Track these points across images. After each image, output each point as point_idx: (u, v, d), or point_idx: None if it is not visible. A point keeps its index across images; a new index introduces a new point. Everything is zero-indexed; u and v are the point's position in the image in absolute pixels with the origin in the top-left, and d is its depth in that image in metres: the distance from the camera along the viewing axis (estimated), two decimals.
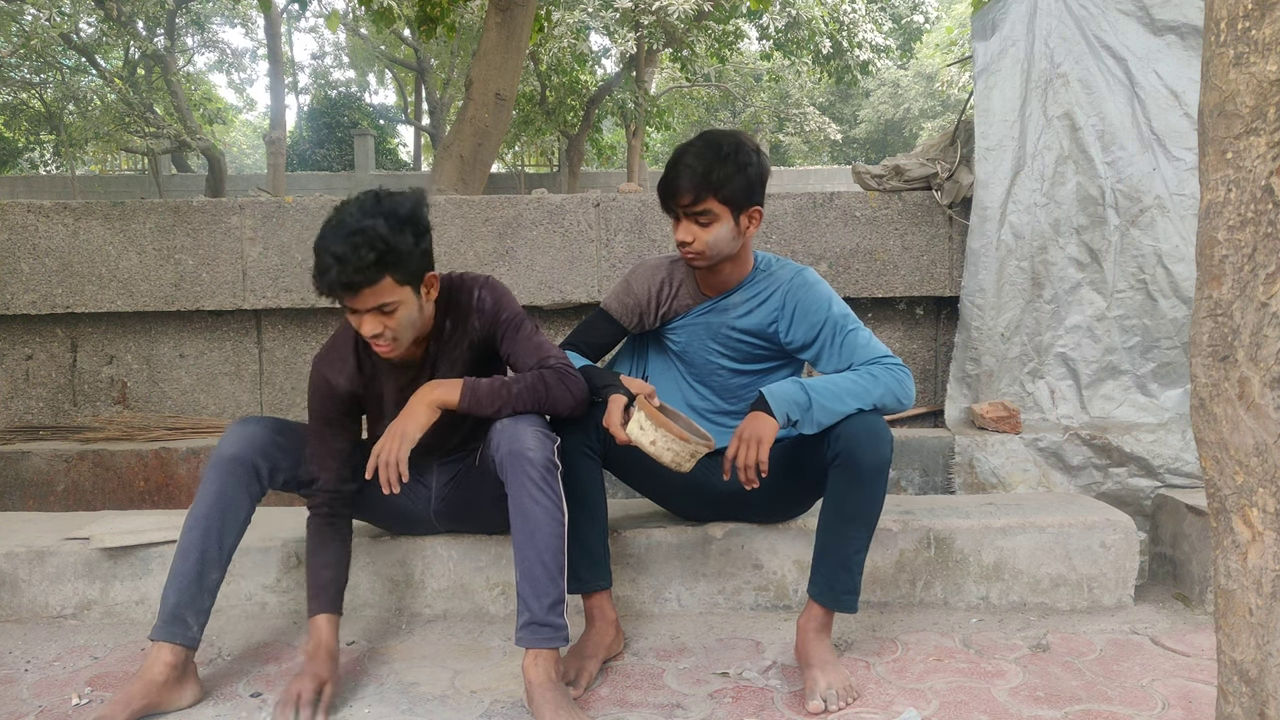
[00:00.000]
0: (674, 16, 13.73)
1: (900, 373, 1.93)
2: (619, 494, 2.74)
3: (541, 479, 1.76)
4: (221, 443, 1.84)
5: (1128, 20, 3.01)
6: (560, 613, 1.74)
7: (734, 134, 1.98)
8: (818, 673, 1.78)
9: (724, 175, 1.88)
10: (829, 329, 1.99)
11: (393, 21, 6.82)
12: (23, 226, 3.34)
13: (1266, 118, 1.01)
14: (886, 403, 1.90)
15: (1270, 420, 1.03)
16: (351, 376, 1.93)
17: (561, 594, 1.75)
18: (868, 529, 1.87)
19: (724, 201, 1.90)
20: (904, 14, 19.88)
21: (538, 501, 1.75)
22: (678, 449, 1.78)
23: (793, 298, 2.03)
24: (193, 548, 1.79)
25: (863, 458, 1.81)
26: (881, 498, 1.86)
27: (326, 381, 1.93)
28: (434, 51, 18.30)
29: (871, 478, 1.82)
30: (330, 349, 1.96)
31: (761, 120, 20.27)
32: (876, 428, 1.84)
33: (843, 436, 1.83)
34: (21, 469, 3.09)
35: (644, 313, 2.14)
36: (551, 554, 1.74)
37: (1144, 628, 2.13)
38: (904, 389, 1.92)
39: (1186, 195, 2.97)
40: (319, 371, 1.94)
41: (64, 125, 17.84)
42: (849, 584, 1.86)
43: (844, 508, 1.85)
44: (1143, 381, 3.06)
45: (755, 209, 1.96)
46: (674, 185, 1.91)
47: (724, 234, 1.94)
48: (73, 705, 1.77)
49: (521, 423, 1.81)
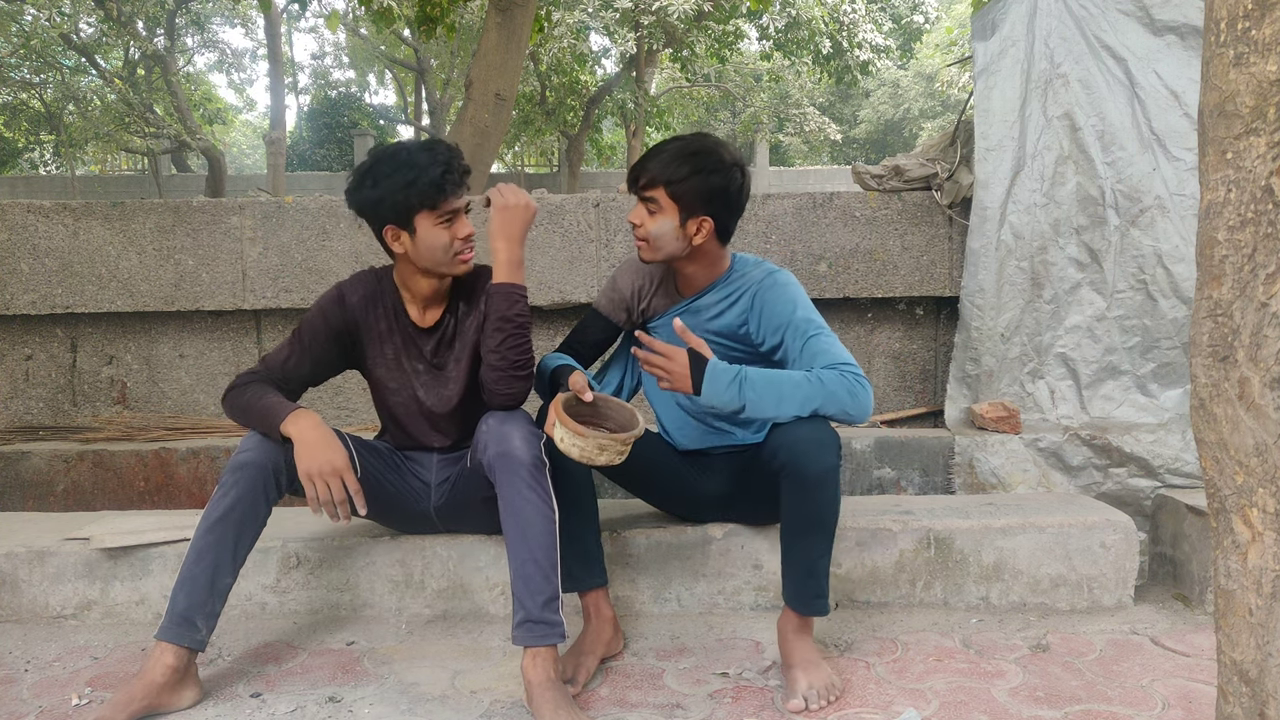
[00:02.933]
0: (674, 16, 13.72)
1: (855, 383, 1.80)
2: (618, 494, 2.74)
3: (530, 477, 1.78)
4: (242, 446, 1.84)
5: (1128, 20, 3.01)
6: (555, 609, 1.74)
7: (718, 144, 1.96)
8: (799, 672, 1.79)
9: (680, 173, 1.90)
10: (792, 332, 1.92)
11: (393, 21, 6.81)
12: (23, 226, 3.34)
13: (1266, 118, 1.01)
14: (829, 411, 1.80)
15: (1270, 420, 1.03)
16: (365, 299, 2.02)
17: (556, 591, 1.75)
18: (826, 535, 1.83)
19: (672, 197, 1.91)
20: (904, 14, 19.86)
21: (528, 500, 1.76)
22: (582, 444, 1.74)
23: (760, 299, 1.98)
24: (208, 551, 1.78)
25: (807, 467, 1.76)
26: (835, 502, 1.81)
27: (339, 295, 2.02)
28: (434, 51, 18.29)
29: (818, 486, 1.77)
30: (354, 278, 2.06)
31: (761, 120, 20.25)
32: (818, 435, 1.78)
33: (784, 447, 1.78)
34: (21, 469, 3.09)
35: (630, 307, 2.16)
36: (544, 551, 1.75)
37: (1144, 628, 2.13)
38: (854, 400, 1.79)
39: (1186, 195, 2.97)
40: (337, 287, 2.05)
41: (64, 125, 17.83)
42: (816, 589, 1.85)
43: (798, 518, 1.82)
44: (1143, 382, 3.06)
45: (705, 219, 1.93)
46: (637, 166, 1.96)
47: (666, 229, 1.93)
48: (73, 705, 1.77)
49: (508, 423, 1.84)
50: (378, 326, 2.03)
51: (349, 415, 3.49)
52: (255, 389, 1.91)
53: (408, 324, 2.04)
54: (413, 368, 2.05)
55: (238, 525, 1.79)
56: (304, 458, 1.77)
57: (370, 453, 2.04)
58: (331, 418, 3.47)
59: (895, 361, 3.47)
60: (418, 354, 2.04)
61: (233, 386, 1.93)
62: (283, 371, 1.98)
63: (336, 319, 2.01)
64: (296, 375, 2.00)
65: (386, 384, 2.06)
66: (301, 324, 2.02)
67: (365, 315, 2.03)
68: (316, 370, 2.03)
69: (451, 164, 1.87)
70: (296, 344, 2.00)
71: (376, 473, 2.03)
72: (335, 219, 3.36)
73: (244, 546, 1.82)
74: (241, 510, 1.79)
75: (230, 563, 1.80)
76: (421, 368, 2.05)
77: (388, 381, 2.06)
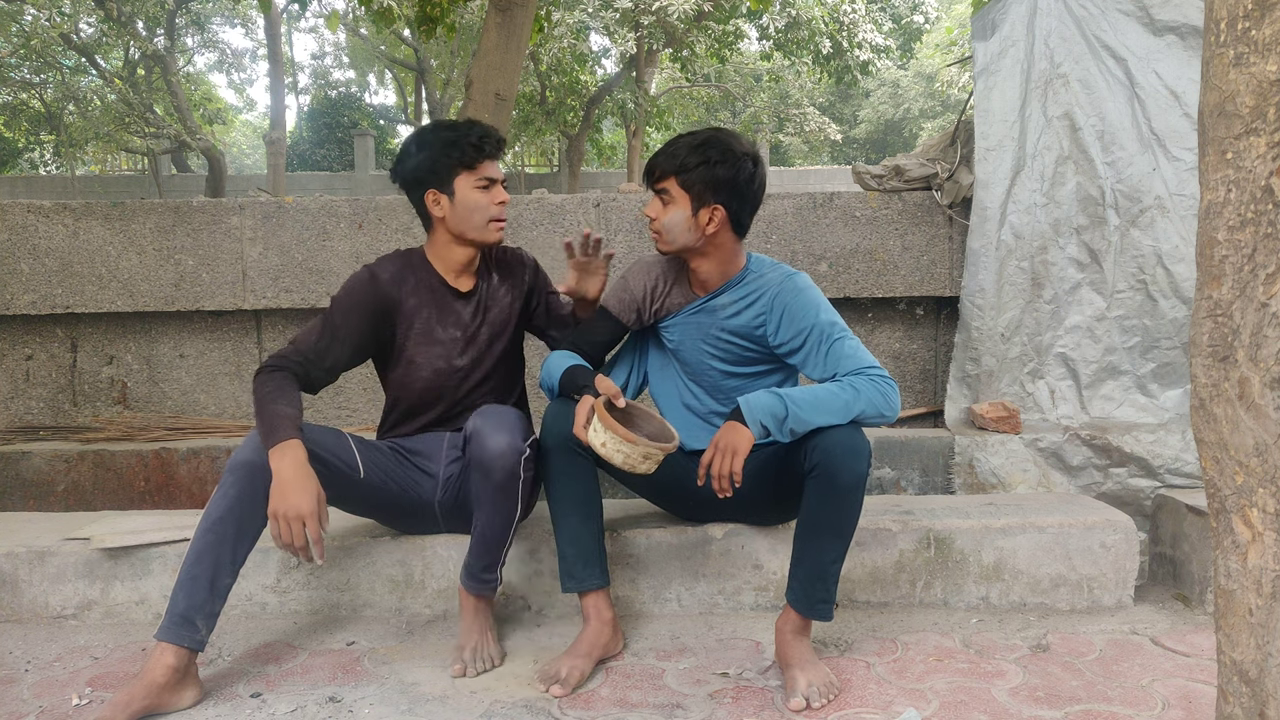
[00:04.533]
0: (674, 17, 13.72)
1: (885, 385, 1.88)
2: (619, 494, 2.74)
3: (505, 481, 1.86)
4: (241, 447, 1.84)
5: (1128, 20, 3.01)
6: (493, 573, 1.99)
7: (728, 135, 1.99)
8: (798, 672, 1.80)
9: (689, 162, 1.95)
10: (815, 336, 1.96)
11: (393, 21, 6.81)
12: (23, 226, 3.34)
13: (1266, 118, 1.01)
14: (867, 416, 1.86)
15: (1270, 420, 1.03)
16: (396, 275, 2.07)
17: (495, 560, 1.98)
18: (843, 540, 1.86)
19: (683, 187, 1.96)
20: (904, 14, 19.87)
21: (500, 511, 1.90)
22: (627, 451, 1.78)
23: (780, 302, 2.01)
24: (208, 551, 1.78)
25: (839, 472, 1.79)
26: (857, 510, 1.84)
27: (370, 276, 2.05)
28: (434, 51, 18.28)
29: (847, 492, 1.81)
30: (381, 259, 2.10)
31: (761, 120, 20.25)
32: (854, 442, 1.81)
33: (819, 449, 1.81)
34: (21, 469, 3.09)
35: (640, 309, 2.15)
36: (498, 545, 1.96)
37: (1144, 628, 2.13)
38: (887, 402, 1.87)
39: (1186, 195, 2.97)
40: (366, 268, 2.08)
41: (64, 125, 17.83)
42: (824, 594, 1.86)
43: (819, 520, 1.84)
44: (1143, 382, 3.06)
45: (717, 207, 1.96)
46: (651, 159, 2.02)
47: (678, 219, 1.97)
48: (73, 706, 1.77)
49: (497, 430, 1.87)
50: (411, 300, 2.07)
51: (349, 415, 3.49)
52: (275, 386, 1.88)
53: (443, 291, 2.09)
54: (449, 335, 2.09)
55: (237, 525, 1.79)
56: (274, 496, 1.76)
57: (374, 451, 2.04)
58: (332, 418, 3.47)
59: (895, 361, 3.47)
60: (455, 320, 2.09)
61: (262, 369, 1.93)
62: (314, 354, 1.98)
63: (369, 297, 2.03)
64: (327, 359, 1.99)
65: (414, 359, 2.08)
66: (331, 307, 2.02)
67: (398, 290, 2.06)
68: (347, 353, 2.03)
69: (489, 134, 2.03)
70: (327, 327, 2.00)
71: (381, 471, 2.03)
72: (335, 219, 3.36)
73: (244, 546, 1.82)
74: (241, 510, 1.79)
75: (230, 563, 1.80)
76: (458, 335, 2.10)
77: (418, 355, 2.08)
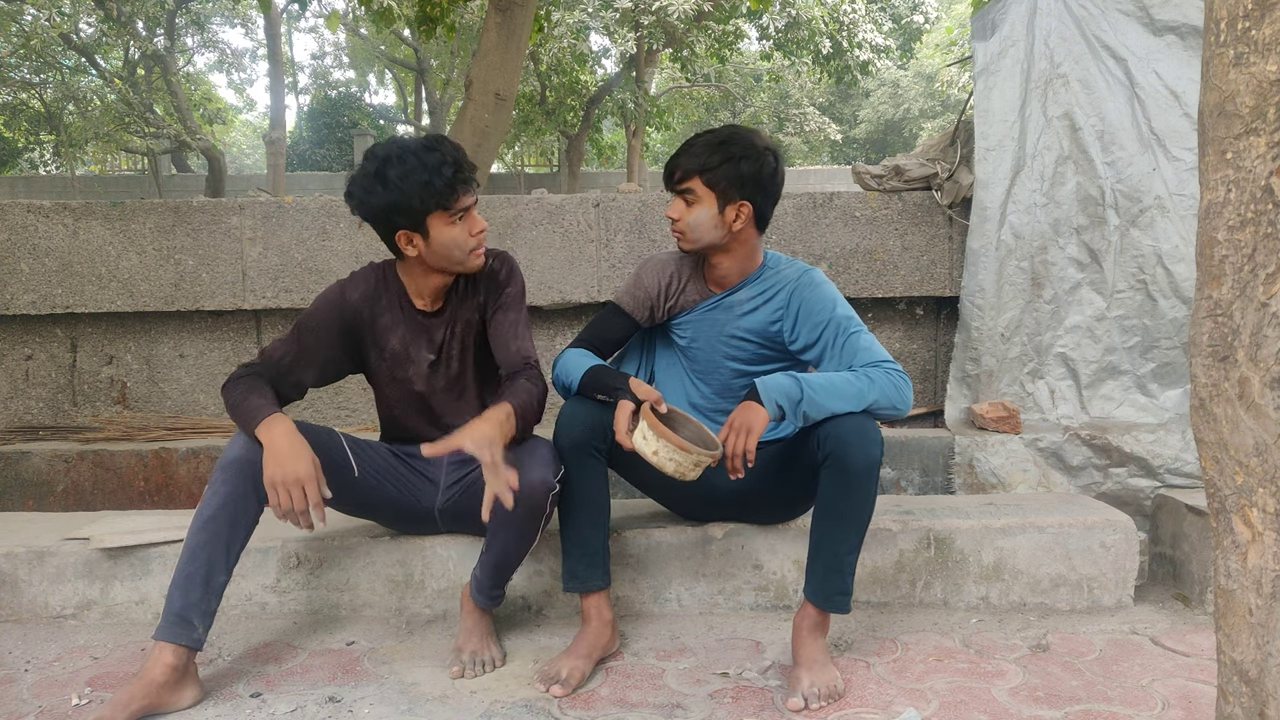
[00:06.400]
0: (674, 16, 13.72)
1: (899, 379, 1.90)
2: (620, 494, 2.74)
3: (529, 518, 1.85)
4: (230, 445, 1.84)
5: (1128, 20, 3.01)
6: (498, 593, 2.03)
7: (748, 131, 2.00)
8: (803, 671, 1.79)
9: (713, 160, 1.95)
10: (832, 330, 1.98)
11: (393, 21, 6.82)
12: (23, 226, 3.34)
13: (1266, 118, 1.01)
14: (880, 406, 1.88)
15: (1270, 420, 1.03)
16: (367, 296, 2.02)
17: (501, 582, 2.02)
18: (859, 530, 1.86)
19: (708, 185, 1.96)
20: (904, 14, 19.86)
21: (522, 539, 1.90)
22: (680, 459, 1.78)
23: (797, 297, 2.03)
24: (201, 549, 1.78)
25: (852, 459, 1.80)
26: (872, 498, 1.85)
27: (340, 293, 2.02)
28: (434, 51, 18.28)
29: (861, 479, 1.81)
30: (354, 275, 2.07)
31: (761, 120, 20.27)
32: (866, 428, 1.83)
33: (832, 437, 1.82)
34: (21, 469, 3.09)
35: (654, 306, 2.15)
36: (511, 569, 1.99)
37: (1144, 628, 2.13)
38: (900, 395, 1.89)
39: (1186, 195, 2.97)
40: (339, 284, 2.05)
41: (64, 125, 17.83)
42: (841, 585, 1.86)
43: (834, 509, 1.85)
44: (1143, 381, 3.06)
45: (744, 204, 1.96)
46: (671, 161, 2.01)
47: (704, 218, 1.97)
48: (73, 705, 1.77)
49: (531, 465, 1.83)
50: (382, 319, 2.02)
51: (349, 415, 3.49)
52: (245, 386, 1.88)
53: (414, 313, 2.04)
54: (420, 356, 2.04)
55: (229, 523, 1.79)
56: (269, 465, 1.76)
57: (371, 451, 2.04)
58: (332, 418, 3.47)
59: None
60: (426, 342, 2.04)
61: (229, 380, 1.92)
62: (279, 368, 1.96)
63: (337, 316, 2.00)
64: (293, 374, 1.98)
65: (392, 378, 2.06)
66: (300, 322, 2.00)
67: (370, 309, 2.02)
68: (314, 370, 2.01)
69: (460, 162, 1.87)
70: (294, 343, 1.98)
71: (378, 472, 2.03)
72: (335, 219, 3.36)
73: (237, 544, 1.82)
74: (232, 508, 1.79)
75: (224, 560, 1.80)
76: (431, 356, 2.05)
77: (395, 373, 2.05)
